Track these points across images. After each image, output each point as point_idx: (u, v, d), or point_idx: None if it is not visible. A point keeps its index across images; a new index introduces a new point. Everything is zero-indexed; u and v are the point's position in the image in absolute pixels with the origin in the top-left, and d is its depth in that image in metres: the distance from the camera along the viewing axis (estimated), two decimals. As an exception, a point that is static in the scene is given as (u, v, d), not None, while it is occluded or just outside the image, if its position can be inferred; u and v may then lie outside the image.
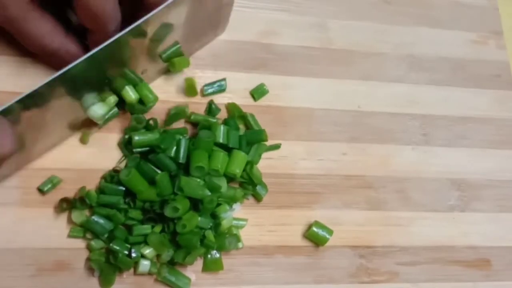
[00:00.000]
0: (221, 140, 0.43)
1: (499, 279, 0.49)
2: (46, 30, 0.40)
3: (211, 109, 0.47)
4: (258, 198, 0.46)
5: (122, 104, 0.44)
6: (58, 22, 0.41)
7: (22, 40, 0.41)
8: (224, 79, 0.48)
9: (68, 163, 0.43)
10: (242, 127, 0.47)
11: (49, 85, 0.36)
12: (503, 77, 0.56)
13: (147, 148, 0.42)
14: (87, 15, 0.39)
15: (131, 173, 0.40)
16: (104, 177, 0.43)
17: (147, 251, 0.41)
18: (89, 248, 0.41)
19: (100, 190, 0.41)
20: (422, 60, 0.54)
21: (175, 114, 0.45)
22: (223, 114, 0.47)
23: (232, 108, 0.47)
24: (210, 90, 0.47)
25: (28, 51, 0.43)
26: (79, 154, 0.43)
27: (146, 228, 0.41)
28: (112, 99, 0.43)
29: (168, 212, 0.40)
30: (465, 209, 0.50)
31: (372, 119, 0.51)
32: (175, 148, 0.42)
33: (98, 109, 0.42)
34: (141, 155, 0.43)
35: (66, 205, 0.41)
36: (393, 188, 0.49)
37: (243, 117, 0.47)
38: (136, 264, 0.41)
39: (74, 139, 0.44)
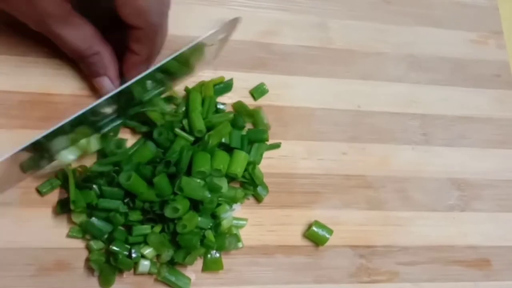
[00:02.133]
0: (223, 140, 0.43)
1: (499, 279, 0.49)
2: (84, 37, 0.40)
3: (217, 109, 0.46)
4: (258, 199, 0.46)
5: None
6: (96, 29, 0.41)
7: (60, 45, 0.41)
8: (231, 80, 0.47)
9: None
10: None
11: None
12: (503, 77, 0.56)
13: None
14: (131, 11, 0.38)
15: (132, 178, 0.39)
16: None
17: (147, 251, 0.41)
18: (88, 248, 0.41)
19: (99, 194, 0.41)
20: (422, 60, 0.54)
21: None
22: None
23: (239, 107, 0.47)
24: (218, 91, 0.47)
25: (28, 51, 0.43)
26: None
27: (146, 228, 0.41)
28: (85, 141, 0.41)
29: (168, 212, 0.40)
30: (465, 209, 0.50)
31: (372, 119, 0.51)
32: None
33: (68, 154, 0.40)
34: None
35: (64, 206, 0.41)
36: (393, 188, 0.49)
37: (250, 115, 0.47)
38: (136, 264, 0.41)
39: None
